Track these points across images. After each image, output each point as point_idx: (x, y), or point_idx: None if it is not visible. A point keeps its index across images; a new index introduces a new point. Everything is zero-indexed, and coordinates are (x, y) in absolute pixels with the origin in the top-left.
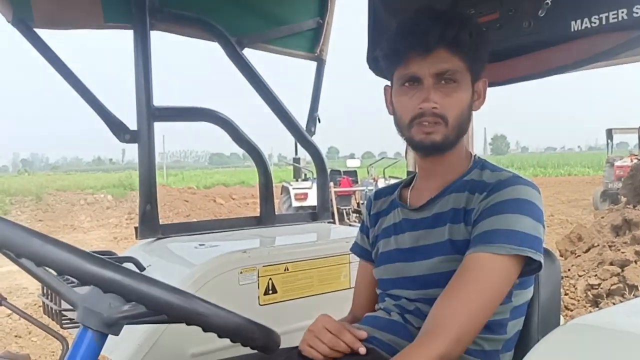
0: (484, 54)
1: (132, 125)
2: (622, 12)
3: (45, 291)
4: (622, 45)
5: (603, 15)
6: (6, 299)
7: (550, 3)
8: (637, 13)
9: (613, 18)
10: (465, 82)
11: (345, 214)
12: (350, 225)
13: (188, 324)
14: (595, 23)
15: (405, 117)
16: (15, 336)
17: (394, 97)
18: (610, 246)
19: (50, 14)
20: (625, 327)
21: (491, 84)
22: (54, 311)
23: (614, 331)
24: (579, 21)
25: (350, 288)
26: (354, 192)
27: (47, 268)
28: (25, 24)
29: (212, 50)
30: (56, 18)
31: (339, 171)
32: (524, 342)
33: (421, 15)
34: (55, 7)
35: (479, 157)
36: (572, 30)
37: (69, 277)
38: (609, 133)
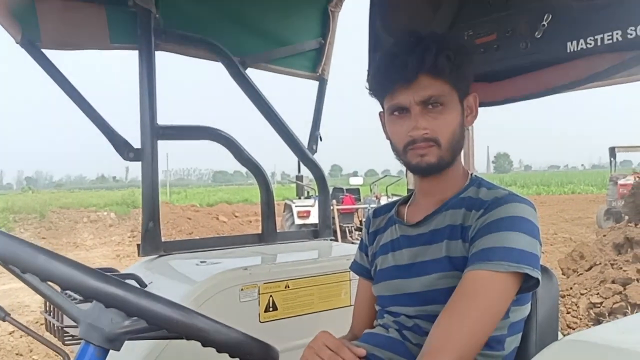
0: (468, 71)
1: (136, 143)
2: (617, 34)
3: (47, 308)
4: (618, 66)
5: (598, 37)
6: (9, 314)
7: (546, 25)
8: (631, 34)
9: (608, 39)
10: (452, 103)
11: (347, 231)
12: (352, 242)
13: (188, 338)
14: (590, 44)
15: (399, 144)
16: (17, 354)
17: (387, 125)
18: (612, 264)
19: (58, 36)
20: (620, 343)
21: (489, 104)
22: (56, 327)
23: (609, 347)
24: (574, 42)
25: (351, 305)
26: (357, 209)
27: (51, 283)
28: (33, 45)
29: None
30: (63, 39)
31: (342, 189)
32: (521, 359)
33: (398, 46)
34: (62, 29)
35: (475, 175)
36: (568, 51)
37: (72, 294)
38: (612, 151)
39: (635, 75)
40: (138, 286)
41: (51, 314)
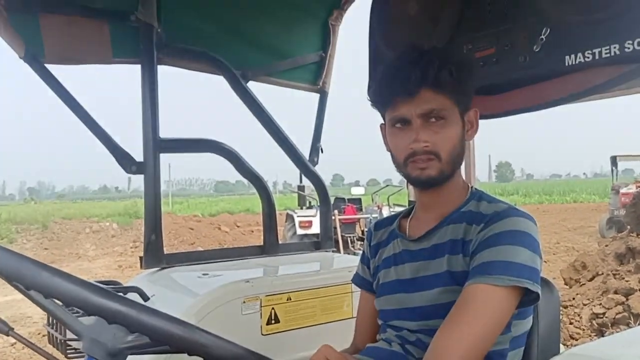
0: (469, 86)
1: (139, 156)
2: (615, 47)
3: (50, 321)
4: (616, 79)
5: (596, 50)
6: (13, 329)
7: (544, 39)
8: (628, 48)
9: (606, 53)
10: (453, 117)
11: (349, 241)
12: (354, 253)
13: (190, 354)
14: (588, 58)
15: (400, 156)
16: None
17: (388, 137)
18: (614, 274)
19: (61, 50)
20: (620, 357)
21: (489, 116)
22: (58, 341)
23: None
24: (572, 56)
25: (353, 317)
26: (359, 219)
27: (54, 300)
28: (36, 60)
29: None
30: (67, 54)
31: (344, 199)
32: None
33: (401, 60)
34: (66, 43)
35: (475, 189)
36: (567, 64)
37: (74, 308)
38: (614, 160)
39: (634, 88)
40: (140, 299)
41: (54, 327)
